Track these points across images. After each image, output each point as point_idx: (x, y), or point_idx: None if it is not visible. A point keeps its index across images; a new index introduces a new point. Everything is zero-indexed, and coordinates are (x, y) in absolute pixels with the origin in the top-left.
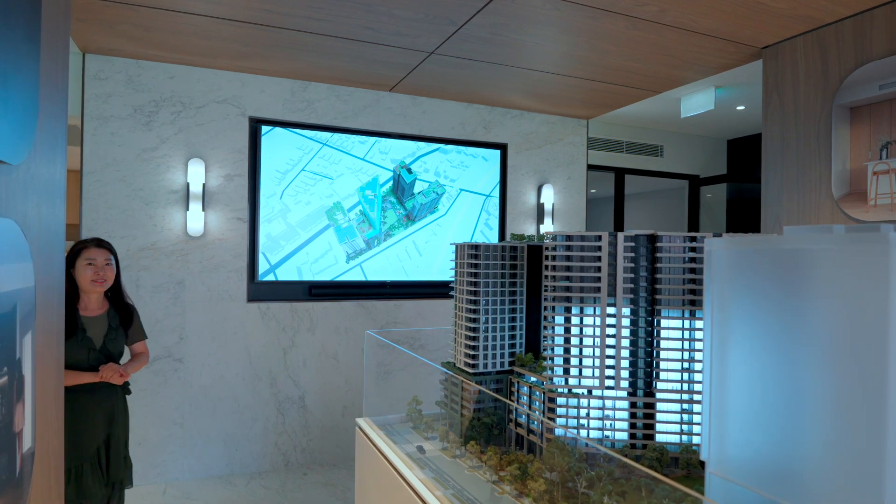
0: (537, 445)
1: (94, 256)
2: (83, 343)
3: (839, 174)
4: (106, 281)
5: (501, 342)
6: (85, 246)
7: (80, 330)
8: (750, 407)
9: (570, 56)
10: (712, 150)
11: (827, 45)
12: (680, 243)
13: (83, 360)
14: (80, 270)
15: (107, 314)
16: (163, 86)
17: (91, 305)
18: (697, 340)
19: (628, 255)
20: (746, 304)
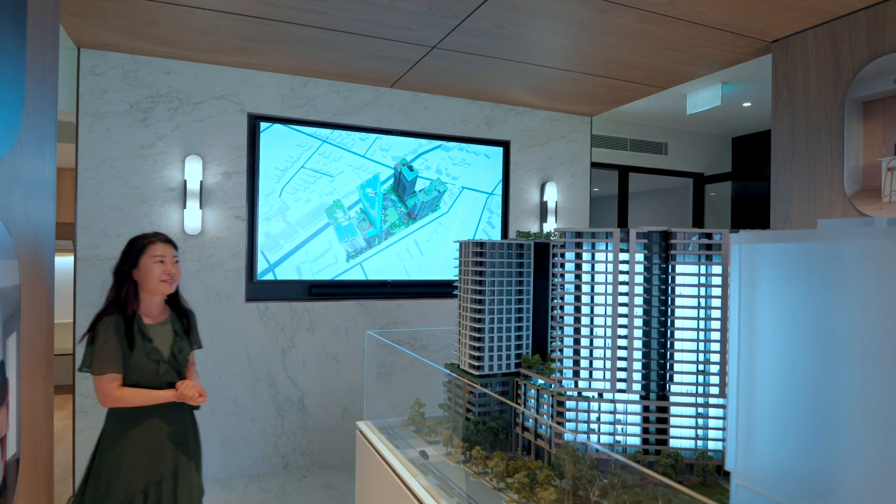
0: (545, 451)
1: (162, 253)
2: (151, 355)
3: (852, 170)
4: (175, 281)
5: (507, 343)
6: (151, 241)
7: (146, 339)
8: (781, 413)
9: (575, 51)
10: (717, 147)
11: (839, 38)
12: (695, 240)
13: (152, 374)
14: (148, 269)
15: (170, 320)
16: (159, 81)
17: (153, 311)
18: (713, 342)
19: (641, 251)
20: (777, 303)
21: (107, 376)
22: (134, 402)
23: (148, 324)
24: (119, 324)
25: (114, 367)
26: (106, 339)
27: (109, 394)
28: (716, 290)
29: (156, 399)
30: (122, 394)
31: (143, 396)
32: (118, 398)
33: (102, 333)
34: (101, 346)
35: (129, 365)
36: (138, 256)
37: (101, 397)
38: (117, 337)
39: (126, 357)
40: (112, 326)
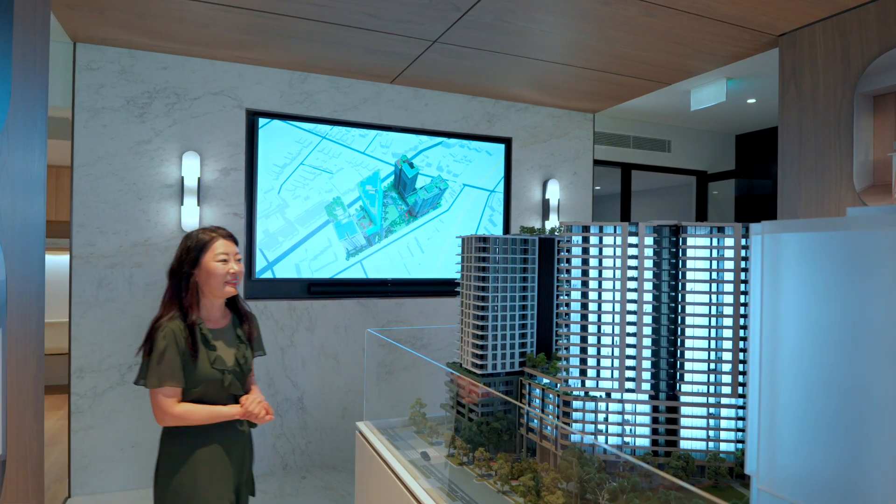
0: (551, 452)
1: (225, 251)
2: (215, 364)
3: (861, 165)
4: (238, 282)
5: (511, 341)
6: (213, 237)
7: (209, 347)
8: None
9: (579, 45)
10: (720, 145)
11: (848, 31)
12: (706, 233)
13: (216, 386)
14: (210, 268)
15: (232, 325)
16: (156, 76)
17: (214, 314)
18: (725, 339)
19: (650, 246)
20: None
21: (165, 389)
22: (196, 419)
23: (212, 329)
24: (179, 330)
25: (173, 379)
26: (165, 348)
27: (168, 410)
28: (728, 287)
29: (220, 416)
30: (182, 411)
31: (206, 413)
32: (178, 415)
33: (161, 340)
34: (160, 355)
35: (190, 376)
36: (199, 255)
37: (159, 414)
38: (177, 345)
39: (188, 367)
40: (172, 333)
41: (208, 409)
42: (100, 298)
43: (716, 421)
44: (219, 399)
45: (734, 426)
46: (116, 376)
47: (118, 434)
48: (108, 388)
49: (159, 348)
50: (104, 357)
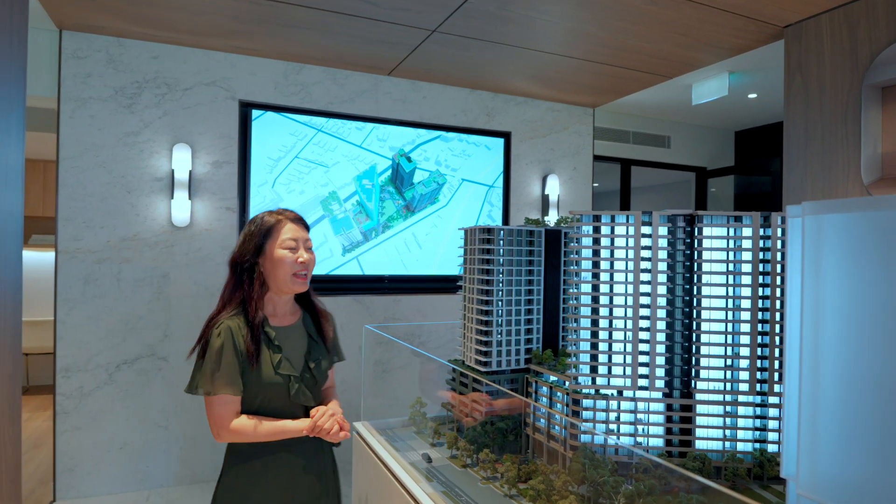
0: (559, 453)
1: (294, 237)
2: (280, 368)
3: (869, 158)
4: (308, 274)
5: (517, 337)
6: (279, 219)
7: (274, 348)
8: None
9: (581, 35)
10: (720, 141)
11: (856, 21)
12: (723, 223)
13: (281, 395)
14: (276, 257)
15: (302, 322)
16: (146, 66)
17: (281, 309)
18: (743, 334)
19: (664, 237)
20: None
21: (221, 397)
22: (256, 435)
23: (276, 326)
24: (238, 328)
25: (230, 385)
26: (220, 348)
27: (224, 424)
28: (745, 279)
29: (285, 432)
30: (240, 426)
31: (268, 430)
32: (235, 430)
33: (215, 339)
34: (215, 356)
35: (250, 383)
36: (264, 241)
37: (214, 428)
38: (235, 345)
39: (247, 372)
40: (229, 331)
41: (270, 427)
42: (86, 295)
43: (733, 420)
44: (285, 411)
45: (752, 425)
46: (104, 376)
47: (106, 435)
48: (96, 388)
49: (214, 348)
50: (91, 356)
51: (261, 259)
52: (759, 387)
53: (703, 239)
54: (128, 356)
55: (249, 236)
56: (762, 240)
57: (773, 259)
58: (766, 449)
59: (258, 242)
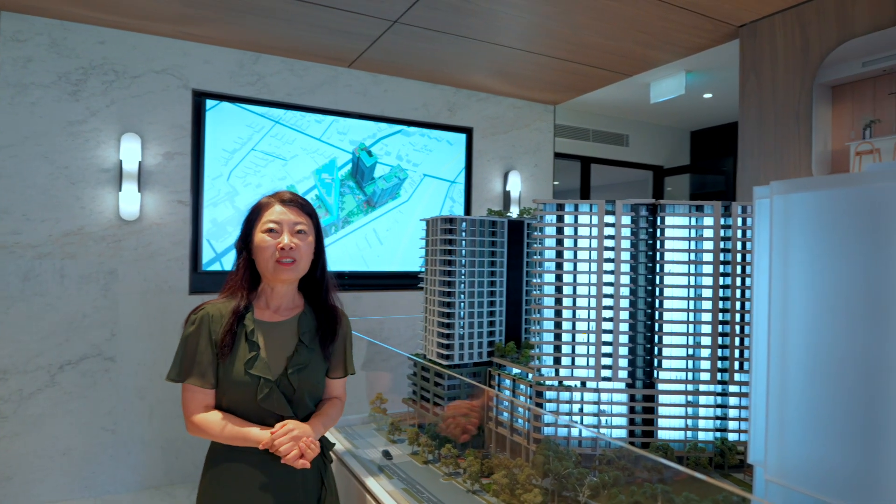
0: (522, 447)
1: (276, 219)
2: (252, 367)
3: (820, 155)
4: (296, 262)
5: (479, 330)
6: (268, 201)
7: (250, 342)
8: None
9: (544, 30)
10: (676, 140)
11: (807, 22)
12: (685, 212)
13: (247, 397)
14: (257, 242)
15: (297, 320)
16: (92, 51)
17: (276, 303)
18: (704, 324)
19: (627, 226)
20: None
21: (188, 386)
22: (217, 435)
23: (261, 320)
24: (221, 316)
25: (198, 376)
26: (189, 336)
27: (188, 414)
28: (707, 268)
29: (246, 440)
30: (203, 421)
31: (231, 434)
32: (198, 425)
33: (189, 326)
34: (183, 342)
35: (220, 377)
36: (251, 226)
37: (185, 416)
38: (210, 333)
39: (220, 366)
40: (206, 317)
41: (236, 429)
42: (26, 293)
43: (694, 409)
44: (254, 416)
45: (713, 414)
46: (45, 378)
47: (48, 441)
48: (36, 391)
49: (185, 334)
50: (31, 357)
51: (252, 246)
52: (720, 376)
53: (666, 228)
54: (72, 357)
55: (244, 221)
56: (723, 229)
57: (734, 248)
58: (727, 438)
59: (246, 227)
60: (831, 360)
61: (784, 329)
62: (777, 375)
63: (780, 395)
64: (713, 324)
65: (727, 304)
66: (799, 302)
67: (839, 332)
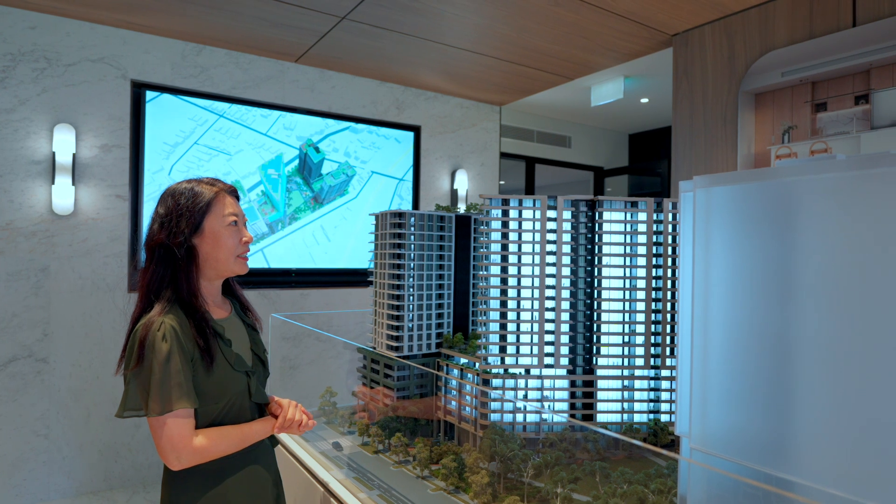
0: (470, 434)
1: (236, 212)
2: (238, 366)
3: (744, 158)
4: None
5: (428, 322)
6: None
7: (225, 341)
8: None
9: (490, 32)
10: (615, 142)
11: (734, 32)
12: (621, 207)
13: (241, 395)
14: (218, 236)
15: (235, 313)
16: (22, 37)
17: (213, 300)
18: (639, 312)
19: (568, 220)
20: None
21: (177, 414)
22: (224, 448)
23: (220, 319)
24: (182, 326)
25: (187, 397)
26: (168, 354)
27: (185, 444)
28: (641, 260)
29: (251, 437)
30: (206, 442)
31: (236, 438)
32: (200, 450)
33: (160, 343)
34: (161, 365)
35: (207, 390)
36: (202, 218)
37: (172, 453)
38: (183, 349)
39: (200, 378)
40: (173, 332)
41: (236, 430)
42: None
43: (630, 393)
44: (243, 415)
45: (647, 397)
46: None
47: None
48: None
49: (160, 355)
50: None
51: (198, 239)
52: (653, 361)
53: (604, 223)
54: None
55: (180, 212)
56: (656, 224)
57: (665, 242)
58: (660, 419)
59: (195, 219)
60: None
61: (706, 310)
62: (700, 352)
63: (703, 371)
64: (647, 312)
65: (659, 294)
66: (719, 285)
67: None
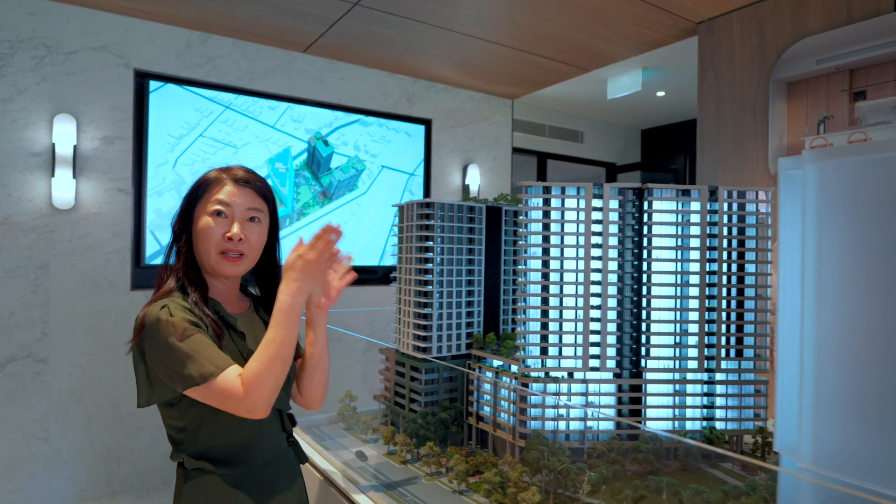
0: (507, 442)
1: (229, 200)
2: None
3: (776, 149)
4: (244, 256)
5: (458, 321)
6: (219, 177)
7: (238, 333)
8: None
9: (508, 20)
10: (628, 138)
11: (764, 19)
12: (672, 196)
13: None
14: (199, 226)
15: (254, 310)
16: (20, 23)
17: (225, 295)
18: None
19: (615, 210)
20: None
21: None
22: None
23: (233, 313)
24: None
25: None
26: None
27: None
28: (693, 254)
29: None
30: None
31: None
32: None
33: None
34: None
35: None
36: (193, 204)
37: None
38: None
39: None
40: (180, 307)
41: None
42: None
43: (681, 398)
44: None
45: (700, 402)
46: None
47: None
48: None
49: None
50: None
51: (193, 227)
52: (707, 363)
53: (653, 213)
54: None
55: (186, 198)
56: (710, 214)
57: (720, 234)
58: (715, 426)
59: (187, 204)
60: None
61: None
62: (811, 358)
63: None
64: (700, 310)
65: (714, 290)
66: (835, 279)
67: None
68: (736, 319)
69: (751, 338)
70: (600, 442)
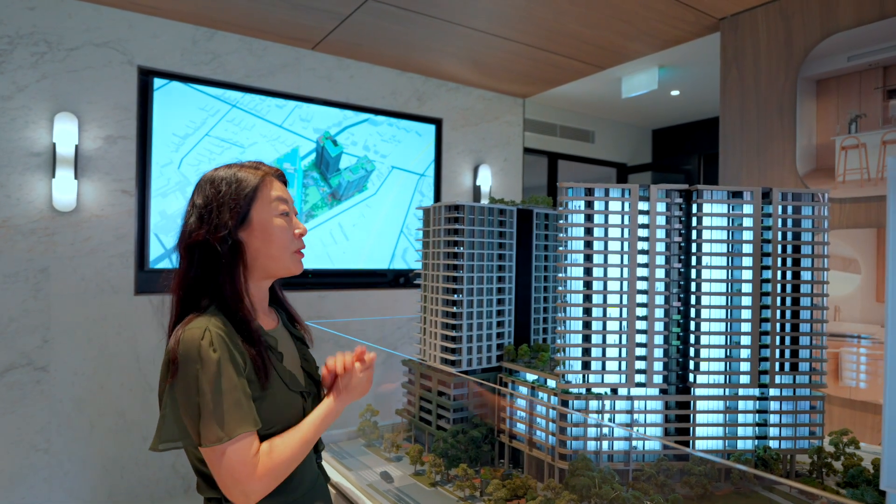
0: (546, 463)
1: (287, 198)
2: (292, 384)
3: (804, 149)
4: None
5: (488, 331)
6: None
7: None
8: None
9: (524, 15)
10: (639, 138)
11: (790, 15)
12: (722, 198)
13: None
14: (270, 228)
15: (283, 323)
16: (20, 18)
17: (260, 306)
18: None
19: (662, 213)
20: None
21: (240, 437)
22: (292, 457)
23: (269, 331)
24: (230, 335)
25: (248, 419)
26: (220, 369)
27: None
28: (746, 261)
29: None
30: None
31: (301, 436)
32: (268, 474)
33: (209, 353)
34: (213, 381)
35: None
36: (249, 207)
37: (237, 487)
38: (234, 361)
39: (257, 396)
40: (221, 340)
41: (298, 430)
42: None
43: (733, 416)
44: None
45: (753, 420)
46: None
47: None
48: None
49: (209, 368)
50: None
51: (244, 232)
52: (761, 378)
53: (703, 216)
54: None
55: (221, 200)
56: (764, 218)
57: (774, 238)
58: (769, 445)
59: (241, 209)
60: None
61: None
62: None
63: None
64: (753, 322)
65: (768, 300)
66: None
67: None
68: (791, 331)
69: (807, 350)
70: (647, 463)
